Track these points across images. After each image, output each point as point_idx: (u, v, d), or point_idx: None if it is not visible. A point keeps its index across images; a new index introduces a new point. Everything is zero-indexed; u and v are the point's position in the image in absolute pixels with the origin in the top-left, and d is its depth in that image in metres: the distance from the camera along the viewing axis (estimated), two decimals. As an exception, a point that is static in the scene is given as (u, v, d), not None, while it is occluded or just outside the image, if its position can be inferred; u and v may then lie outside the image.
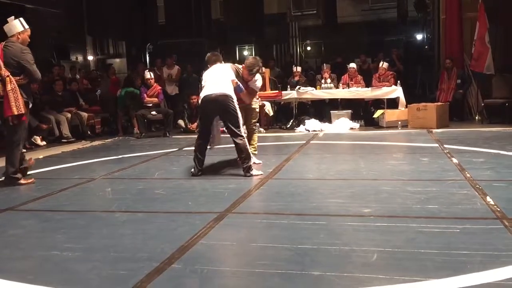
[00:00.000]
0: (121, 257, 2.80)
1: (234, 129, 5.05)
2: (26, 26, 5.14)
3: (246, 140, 5.11)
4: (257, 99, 6.06)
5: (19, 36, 5.08)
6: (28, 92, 5.17)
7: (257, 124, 6.12)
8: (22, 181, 5.12)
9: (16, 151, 5.09)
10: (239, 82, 5.26)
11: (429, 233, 2.99)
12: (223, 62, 5.60)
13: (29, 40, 5.17)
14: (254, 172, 5.00)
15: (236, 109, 5.06)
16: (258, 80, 5.60)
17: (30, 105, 5.28)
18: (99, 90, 11.38)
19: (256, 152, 5.86)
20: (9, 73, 4.89)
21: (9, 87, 4.84)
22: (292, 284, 2.35)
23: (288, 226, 3.34)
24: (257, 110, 5.97)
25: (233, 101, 5.05)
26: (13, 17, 5.16)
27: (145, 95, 9.63)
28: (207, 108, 5.14)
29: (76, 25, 14.12)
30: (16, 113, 4.87)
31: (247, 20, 16.00)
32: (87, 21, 14.55)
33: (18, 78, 4.96)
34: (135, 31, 15.67)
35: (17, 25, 5.09)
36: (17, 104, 4.86)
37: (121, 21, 15.17)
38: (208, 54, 5.64)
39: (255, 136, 5.95)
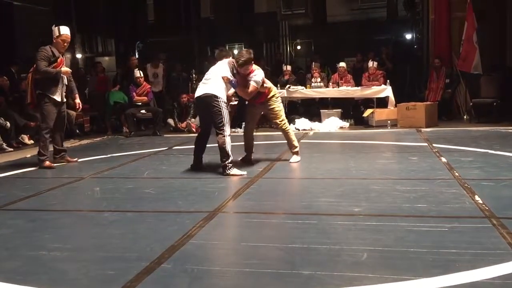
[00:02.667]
0: (110, 257, 2.78)
1: (217, 128, 5.11)
2: (62, 32, 5.92)
3: (226, 138, 5.03)
4: (277, 97, 5.67)
5: (54, 41, 5.92)
6: (46, 86, 5.86)
7: (285, 122, 5.69)
8: (44, 164, 5.89)
9: (42, 137, 5.94)
10: (231, 78, 5.17)
11: (418, 232, 3.01)
12: (230, 58, 5.46)
13: (63, 44, 5.93)
14: (233, 171, 4.99)
15: (220, 108, 5.03)
16: (256, 75, 5.30)
17: (58, 98, 5.94)
18: (88, 89, 11.29)
19: (295, 150, 5.69)
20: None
21: (27, 81, 6.06)
22: (283, 283, 2.35)
23: (278, 225, 3.34)
24: (277, 108, 5.62)
25: (217, 101, 5.04)
26: (54, 25, 5.98)
27: (134, 94, 9.56)
28: (198, 107, 5.68)
29: (64, 22, 14.00)
30: (26, 101, 6.13)
31: (237, 19, 15.98)
32: (75, 18, 14.42)
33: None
34: (124, 29, 15.56)
35: (54, 31, 5.94)
36: (30, 96, 5.98)
37: (110, 19, 15.07)
38: (217, 51, 5.62)
39: (291, 135, 5.71)
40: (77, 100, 6.37)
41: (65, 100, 6.18)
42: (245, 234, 3.21)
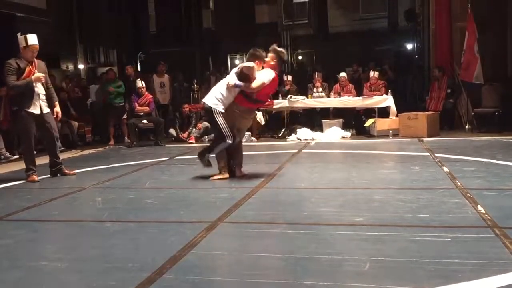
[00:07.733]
0: (111, 267, 2.77)
1: (219, 138, 5.27)
2: (30, 42, 5.50)
3: (225, 143, 5.19)
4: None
5: (21, 51, 5.54)
6: (20, 101, 5.55)
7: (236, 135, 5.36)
8: (29, 179, 5.71)
9: (24, 154, 5.93)
10: (236, 82, 5.16)
11: (420, 242, 3.00)
12: (255, 60, 5.32)
13: (32, 54, 5.55)
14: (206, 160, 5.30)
15: (216, 121, 5.18)
16: (256, 81, 5.19)
17: (35, 111, 5.61)
18: (90, 99, 11.30)
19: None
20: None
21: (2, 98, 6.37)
22: (284, 294, 2.34)
23: (280, 235, 3.33)
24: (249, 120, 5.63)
25: (212, 114, 5.20)
26: (19, 33, 5.59)
27: (136, 104, 9.59)
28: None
29: (66, 33, 14.09)
30: None
31: (238, 29, 16.07)
32: (78, 29, 14.52)
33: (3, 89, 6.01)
34: (126, 40, 15.66)
35: (20, 40, 5.53)
36: (4, 113, 6.36)
37: (113, 30, 15.16)
38: (250, 50, 5.45)
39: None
40: (57, 109, 5.88)
41: (47, 110, 5.76)
42: (246, 244, 3.20)
